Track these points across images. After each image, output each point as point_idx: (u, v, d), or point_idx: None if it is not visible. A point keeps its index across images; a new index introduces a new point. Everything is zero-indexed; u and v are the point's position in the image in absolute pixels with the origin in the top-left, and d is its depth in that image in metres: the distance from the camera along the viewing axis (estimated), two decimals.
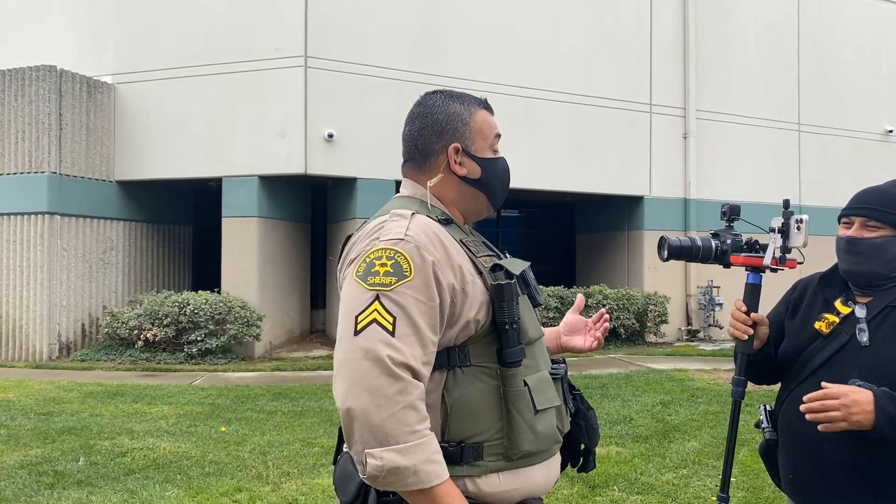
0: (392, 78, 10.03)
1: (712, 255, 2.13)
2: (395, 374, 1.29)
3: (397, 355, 1.31)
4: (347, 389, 1.30)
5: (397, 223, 1.45)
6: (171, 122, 10.14)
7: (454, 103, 1.62)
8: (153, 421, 6.10)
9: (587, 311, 10.61)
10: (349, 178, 10.01)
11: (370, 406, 1.28)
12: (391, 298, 1.35)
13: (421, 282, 1.37)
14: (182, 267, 12.43)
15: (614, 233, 12.79)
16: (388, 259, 1.38)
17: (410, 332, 1.34)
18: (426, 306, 1.37)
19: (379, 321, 1.33)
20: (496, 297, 1.46)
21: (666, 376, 8.28)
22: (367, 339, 1.31)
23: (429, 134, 1.59)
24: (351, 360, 1.31)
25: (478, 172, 1.60)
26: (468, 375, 1.44)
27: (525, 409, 1.47)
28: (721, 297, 11.78)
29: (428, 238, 1.42)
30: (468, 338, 1.45)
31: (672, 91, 12.22)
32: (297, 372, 8.78)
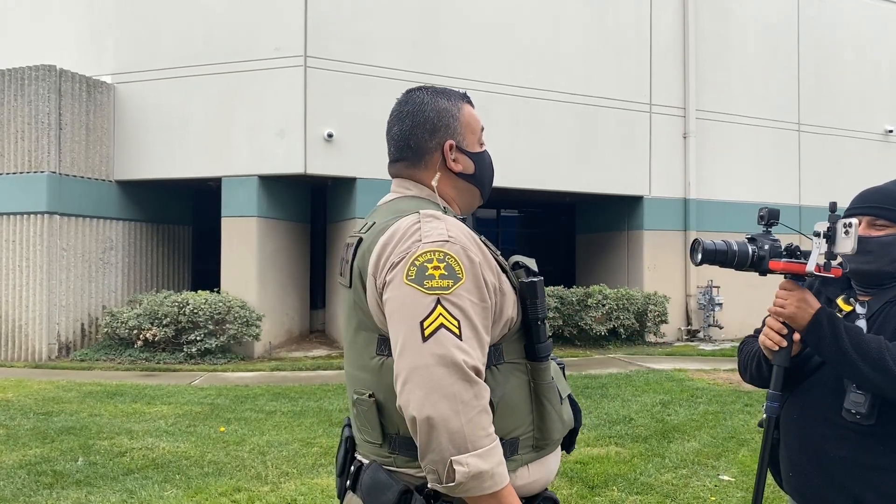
0: (392, 78, 10.03)
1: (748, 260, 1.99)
2: (470, 379, 1.29)
3: (469, 359, 1.30)
4: (424, 397, 1.27)
5: (434, 224, 1.42)
6: (171, 122, 10.14)
7: (441, 100, 1.61)
8: (152, 421, 6.09)
9: (587, 310, 10.62)
10: (349, 178, 10.01)
11: (449, 413, 1.26)
12: (452, 302, 1.33)
13: (472, 283, 1.37)
14: (181, 267, 12.43)
15: (614, 233, 12.79)
16: (440, 262, 1.36)
17: (472, 335, 1.33)
18: (480, 307, 1.37)
19: (447, 325, 1.31)
20: (529, 295, 1.47)
21: (665, 376, 8.28)
22: (439, 344, 1.29)
23: (421, 132, 1.58)
24: (424, 367, 1.28)
25: (472, 168, 1.61)
26: (504, 373, 1.45)
27: (555, 400, 1.51)
28: (721, 296, 11.78)
29: (468, 238, 1.42)
30: (502, 336, 1.46)
31: (672, 91, 12.22)
32: (297, 372, 8.78)
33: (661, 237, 12.07)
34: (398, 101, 1.65)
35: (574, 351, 10.53)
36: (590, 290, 10.91)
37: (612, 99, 11.69)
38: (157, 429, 5.83)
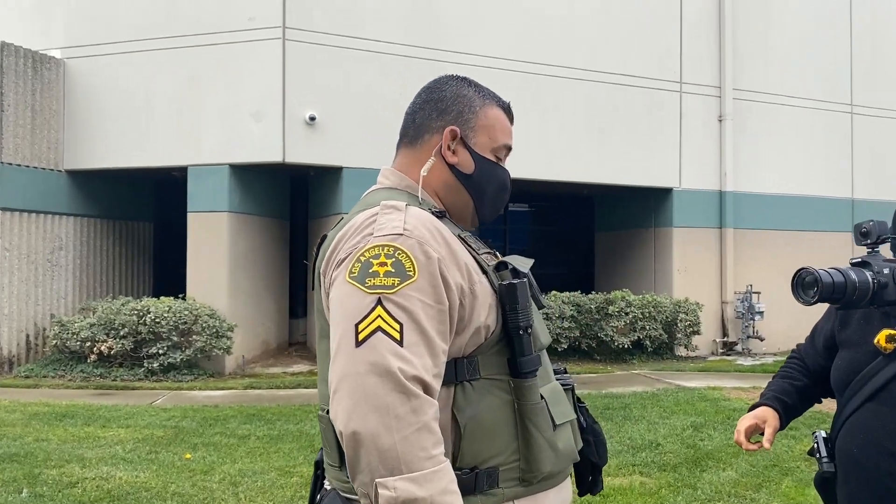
0: (383, 52, 10.03)
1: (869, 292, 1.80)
2: (407, 390, 1.28)
3: (409, 368, 1.29)
4: (351, 409, 1.27)
5: (391, 216, 1.43)
6: (130, 103, 10.14)
7: (469, 88, 1.64)
8: (108, 446, 6.08)
9: (608, 319, 10.63)
10: (334, 167, 10.01)
11: (379, 428, 1.26)
12: (395, 302, 1.33)
13: (427, 282, 1.36)
14: (141, 269, 12.42)
15: (639, 230, 12.79)
16: (388, 257, 1.36)
17: (419, 341, 1.32)
18: (434, 310, 1.36)
19: (384, 329, 1.31)
20: (508, 299, 1.46)
21: (698, 395, 8.27)
22: (372, 349, 1.29)
23: (430, 110, 1.61)
24: (354, 376, 1.29)
25: (470, 167, 1.60)
26: (479, 390, 1.44)
27: (544, 425, 1.47)
28: (762, 303, 11.79)
29: (429, 232, 1.41)
30: (477, 346, 1.45)
31: (705, 67, 12.22)
32: (274, 390, 8.77)
33: (692, 235, 12.07)
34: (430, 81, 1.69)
35: (593, 366, 10.53)
36: (611, 296, 10.91)
37: (637, 76, 11.69)
38: (113, 456, 5.82)
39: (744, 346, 12.06)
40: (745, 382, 9.25)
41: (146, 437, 6.39)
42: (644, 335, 10.79)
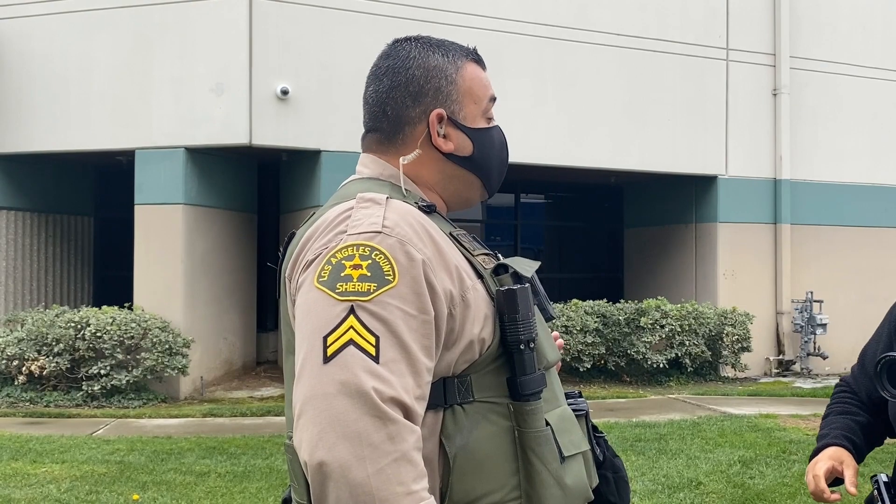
0: (371, 13, 10.02)
1: None
2: (383, 414, 1.27)
3: (385, 388, 1.29)
4: (318, 437, 1.27)
5: (369, 210, 1.44)
6: (65, 74, 10.13)
7: (435, 54, 1.63)
8: (39, 486, 6.07)
9: (639, 333, 10.63)
10: (310, 150, 10.01)
11: (350, 458, 1.25)
12: (371, 312, 1.33)
13: (409, 288, 1.36)
14: (80, 273, 12.40)
15: (677, 226, 12.79)
16: (363, 258, 1.37)
17: (399, 357, 1.32)
18: (417, 321, 1.36)
19: (357, 342, 1.31)
20: (507, 308, 1.46)
21: (747, 424, 8.26)
22: (342, 367, 1.29)
23: (402, 95, 1.60)
24: (321, 397, 1.28)
25: (469, 148, 1.62)
26: (472, 415, 1.44)
27: (550, 457, 1.47)
28: (824, 314, 11.78)
29: (413, 229, 1.42)
30: (470, 364, 1.45)
31: (757, 31, 12.22)
32: (239, 418, 8.76)
33: (741, 232, 12.07)
34: (380, 54, 1.67)
35: (622, 389, 10.52)
36: (643, 305, 10.90)
37: (674, 42, 11.69)
38: (45, 496, 5.80)
39: (803, 366, 12.05)
40: (805, 409, 9.24)
41: (86, 475, 6.36)
42: (683, 352, 10.79)
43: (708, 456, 6.97)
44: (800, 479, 6.28)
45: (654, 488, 6.04)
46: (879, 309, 9.93)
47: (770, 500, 5.78)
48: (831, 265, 12.27)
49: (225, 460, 6.83)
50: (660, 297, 11.33)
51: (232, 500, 5.75)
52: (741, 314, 11.24)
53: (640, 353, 10.57)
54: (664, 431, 7.90)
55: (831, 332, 11.86)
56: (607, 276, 14.44)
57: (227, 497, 5.83)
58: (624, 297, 12.32)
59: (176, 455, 7.02)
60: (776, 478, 6.33)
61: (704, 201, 12.24)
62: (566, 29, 11.08)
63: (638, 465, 6.62)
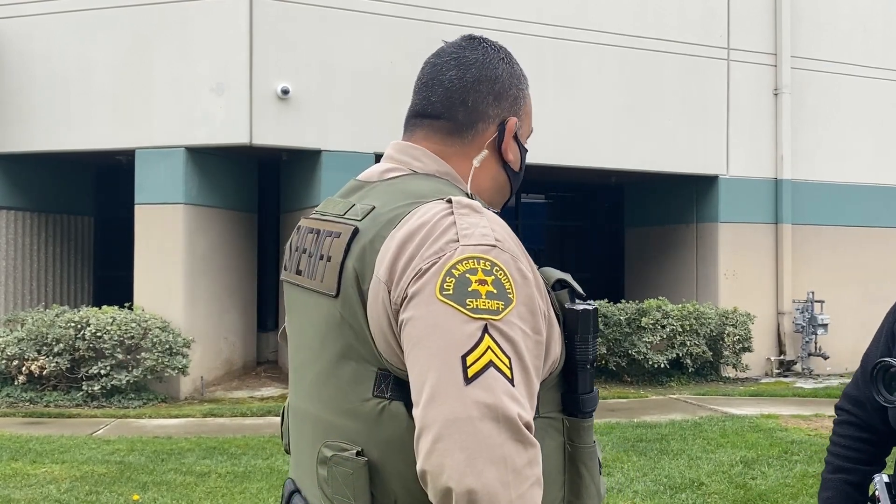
0: (372, 13, 10.01)
1: None
2: (525, 439, 1.26)
3: (524, 413, 1.28)
4: (466, 462, 1.24)
5: (472, 219, 1.40)
6: (65, 74, 10.13)
7: (516, 65, 1.65)
8: (39, 486, 6.06)
9: (640, 333, 10.62)
10: (311, 150, 10.01)
11: (497, 485, 1.23)
12: (502, 332, 1.30)
13: (525, 308, 1.34)
14: (80, 273, 12.40)
15: (678, 226, 12.78)
16: (486, 273, 1.33)
17: (524, 380, 1.31)
18: (532, 341, 1.34)
19: (496, 364, 1.28)
20: (581, 328, 1.45)
21: (749, 425, 8.27)
22: (487, 389, 1.26)
23: (486, 91, 1.58)
24: (466, 421, 1.25)
25: (518, 164, 1.64)
26: (538, 431, 1.41)
27: (595, 470, 1.50)
28: (826, 314, 11.78)
29: (516, 245, 1.40)
30: (541, 382, 1.44)
31: (758, 31, 12.21)
32: (239, 418, 8.77)
33: (742, 232, 12.06)
34: (456, 44, 1.63)
35: (623, 389, 10.52)
36: (644, 305, 10.90)
37: (675, 41, 11.68)
38: (45, 497, 5.79)
39: (804, 366, 12.05)
40: (806, 409, 9.23)
41: (85, 475, 6.36)
42: (684, 352, 10.79)
43: (709, 456, 6.97)
44: (802, 480, 6.28)
45: (656, 489, 6.04)
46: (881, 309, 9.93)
47: (772, 500, 5.77)
48: (832, 265, 12.26)
49: (225, 460, 6.83)
50: (661, 297, 11.32)
51: (232, 501, 5.75)
52: (742, 314, 11.23)
53: (641, 353, 10.57)
54: (665, 432, 7.90)
55: (832, 333, 11.85)
56: (608, 276, 14.43)
57: (227, 497, 5.83)
58: (625, 297, 12.31)
59: (176, 455, 7.02)
60: (778, 478, 6.33)
61: (705, 201, 12.23)
62: (567, 29, 11.08)
63: (640, 466, 6.62)
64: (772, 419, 8.59)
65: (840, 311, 11.88)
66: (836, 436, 2.26)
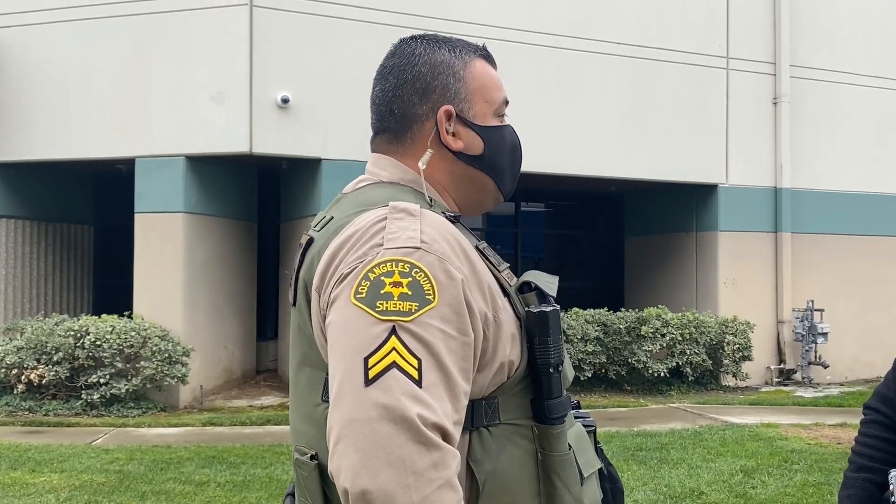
0: (373, 22, 10.04)
1: None
2: (428, 441, 1.25)
3: (429, 413, 1.26)
4: (361, 464, 1.24)
5: (404, 223, 1.40)
6: (65, 82, 10.15)
7: (441, 50, 1.61)
8: (38, 495, 6.05)
9: (640, 342, 10.61)
10: (311, 158, 10.02)
11: (394, 486, 1.22)
12: (413, 333, 1.30)
13: (449, 309, 1.34)
14: (80, 281, 12.40)
15: (677, 235, 12.79)
16: (403, 275, 1.33)
17: (439, 381, 1.30)
18: (456, 343, 1.33)
19: (400, 365, 1.28)
20: (539, 331, 1.44)
21: (749, 434, 8.27)
22: (386, 390, 1.26)
23: (409, 93, 1.58)
24: (363, 422, 1.25)
25: (479, 146, 1.59)
26: (499, 438, 1.43)
27: (572, 480, 1.46)
28: (826, 323, 11.77)
29: (450, 245, 1.39)
30: (499, 386, 1.43)
31: (757, 40, 12.24)
32: (238, 427, 8.75)
33: (742, 241, 12.07)
34: (386, 54, 1.65)
35: (623, 398, 10.51)
36: (644, 314, 10.90)
37: (675, 51, 11.71)
38: None
39: (804, 375, 12.04)
40: (806, 418, 9.23)
41: (84, 484, 6.36)
42: (684, 361, 10.78)
43: (709, 465, 6.97)
44: (801, 489, 6.28)
45: (656, 498, 6.03)
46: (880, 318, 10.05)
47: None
48: (832, 274, 12.27)
49: (224, 469, 6.82)
50: (660, 305, 11.32)
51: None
52: (742, 323, 11.23)
53: (641, 361, 10.56)
54: (665, 441, 7.90)
55: (832, 341, 11.85)
56: (608, 285, 14.43)
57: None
58: (625, 306, 12.31)
59: (175, 464, 7.01)
60: (778, 487, 6.32)
61: (705, 210, 12.24)
62: (568, 38, 11.11)
63: (640, 475, 6.61)
64: (772, 428, 8.58)
65: (840, 319, 11.87)
66: (862, 435, 2.23)
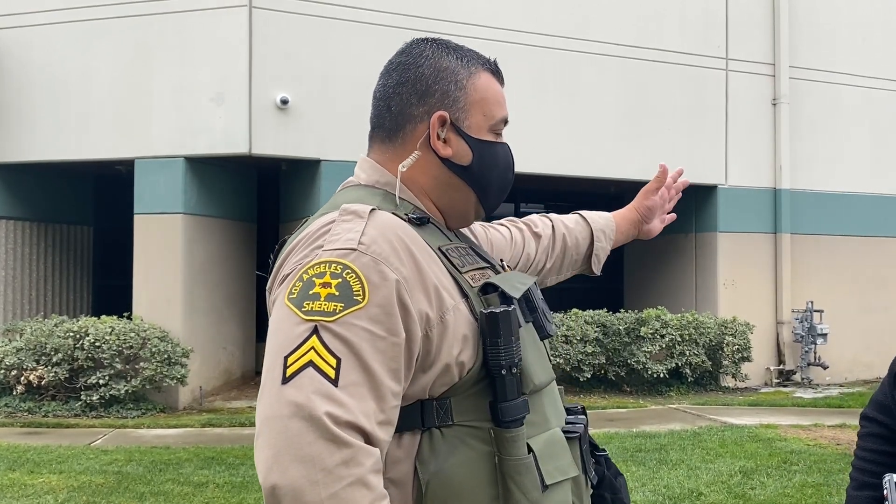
0: (371, 23, 10.04)
1: None
2: (337, 439, 1.27)
3: (341, 412, 1.28)
4: (272, 459, 1.27)
5: (349, 224, 1.42)
6: (65, 83, 10.15)
7: (449, 56, 1.62)
8: (37, 496, 6.06)
9: (640, 343, 10.62)
10: (310, 159, 10.02)
11: (303, 482, 1.25)
12: (334, 332, 1.33)
13: (379, 309, 1.35)
14: (79, 282, 12.40)
15: (676, 236, 12.79)
16: (334, 276, 1.36)
17: (361, 380, 1.32)
18: (385, 343, 1.35)
19: (316, 364, 1.31)
20: (489, 332, 1.44)
21: (748, 434, 8.27)
22: (298, 388, 1.29)
23: (408, 92, 1.59)
24: (276, 419, 1.29)
25: (468, 157, 1.59)
26: (450, 439, 1.42)
27: (530, 486, 1.44)
28: (825, 324, 11.77)
29: (391, 246, 1.40)
30: (450, 387, 1.43)
31: (756, 41, 12.24)
32: (238, 428, 8.75)
33: (741, 242, 12.07)
34: (397, 51, 1.66)
35: (622, 399, 10.51)
36: (643, 315, 10.90)
37: (674, 52, 11.71)
38: None
39: (803, 376, 12.04)
40: (805, 419, 9.23)
41: (83, 485, 6.35)
42: (683, 362, 10.78)
43: (709, 466, 6.97)
44: (801, 490, 6.28)
45: (655, 499, 6.03)
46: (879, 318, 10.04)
47: None
48: (831, 275, 12.27)
49: (223, 471, 6.82)
50: (660, 306, 11.32)
51: None
52: (741, 324, 11.23)
53: (641, 362, 10.56)
54: (664, 442, 7.89)
55: (832, 342, 11.85)
56: (607, 286, 14.41)
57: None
58: (624, 307, 12.32)
59: (174, 465, 7.01)
60: (777, 488, 6.32)
61: (704, 211, 12.24)
62: (567, 39, 11.11)
63: (638, 476, 6.61)
64: (771, 429, 8.58)
65: (839, 320, 11.86)
66: (861, 449, 2.20)
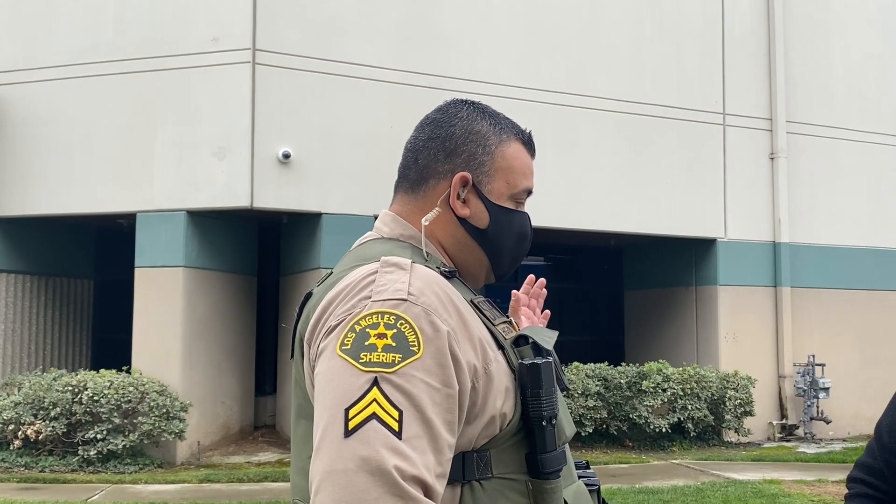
0: (371, 78, 10.16)
1: None
2: (405, 493, 1.24)
3: (407, 465, 1.26)
4: None
5: (393, 276, 1.42)
6: (68, 138, 10.23)
7: (483, 121, 1.64)
8: None
9: (641, 397, 10.56)
10: (311, 213, 10.06)
11: None
12: (395, 384, 1.31)
13: (433, 361, 1.34)
14: (79, 336, 12.37)
15: (677, 289, 12.79)
16: (388, 327, 1.34)
17: (422, 433, 1.30)
18: (440, 395, 1.33)
19: (381, 417, 1.29)
20: (530, 383, 1.44)
21: (752, 490, 8.19)
22: (364, 442, 1.27)
23: (436, 148, 1.61)
24: (341, 473, 1.26)
25: (485, 221, 1.61)
26: (490, 492, 1.42)
27: None
28: (827, 378, 11.72)
29: (438, 298, 1.40)
30: (490, 439, 1.43)
31: (754, 96, 12.37)
32: (236, 484, 8.68)
33: (742, 295, 12.07)
34: (436, 107, 1.70)
35: (624, 454, 10.43)
36: (645, 368, 10.86)
37: (672, 107, 11.83)
38: None
39: (806, 430, 11.96)
40: (809, 474, 9.15)
41: None
42: (685, 416, 10.72)
43: None
44: None
45: None
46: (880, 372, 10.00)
47: None
48: (832, 328, 12.25)
49: None
50: (661, 360, 11.29)
51: None
52: (743, 378, 11.19)
53: (643, 417, 10.50)
54: (668, 497, 7.82)
55: (834, 396, 11.78)
56: (608, 339, 14.40)
57: None
58: (625, 360, 12.27)
59: None
60: None
61: (704, 264, 12.26)
62: (566, 94, 11.23)
63: None
64: (775, 485, 8.51)
65: (840, 374, 11.82)
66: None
